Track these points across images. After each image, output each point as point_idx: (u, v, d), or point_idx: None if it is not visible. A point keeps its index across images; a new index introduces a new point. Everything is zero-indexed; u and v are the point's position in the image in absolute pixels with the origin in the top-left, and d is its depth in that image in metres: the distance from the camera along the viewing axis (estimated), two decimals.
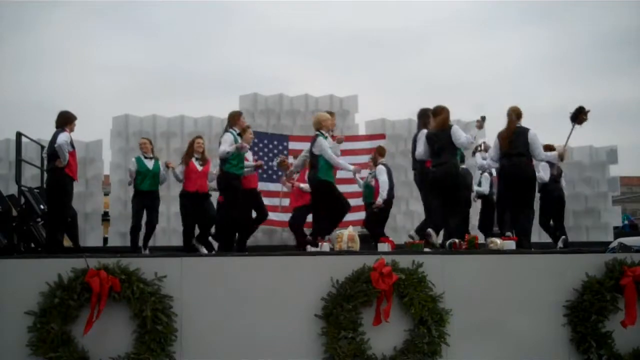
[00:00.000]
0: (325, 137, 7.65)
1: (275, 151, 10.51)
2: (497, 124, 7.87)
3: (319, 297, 5.78)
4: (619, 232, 12.46)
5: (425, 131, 7.75)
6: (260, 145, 10.34)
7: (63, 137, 7.60)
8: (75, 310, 5.54)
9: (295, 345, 5.77)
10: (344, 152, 10.01)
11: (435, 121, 7.51)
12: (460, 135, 7.28)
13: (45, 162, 8.11)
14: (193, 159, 8.67)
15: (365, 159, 10.55)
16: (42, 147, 9.02)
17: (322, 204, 7.61)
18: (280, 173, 10.09)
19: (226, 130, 7.98)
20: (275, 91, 11.55)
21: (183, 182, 8.70)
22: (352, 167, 8.05)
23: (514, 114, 7.50)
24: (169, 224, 10.70)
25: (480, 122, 7.61)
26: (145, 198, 8.85)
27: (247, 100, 11.34)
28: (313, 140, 7.70)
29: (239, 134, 8.01)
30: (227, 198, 7.96)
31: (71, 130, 7.86)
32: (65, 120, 7.81)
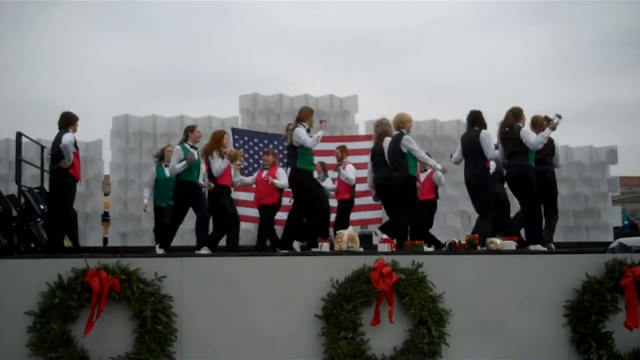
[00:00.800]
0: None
1: (276, 151, 10.51)
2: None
3: (319, 297, 5.78)
4: (619, 232, 12.46)
5: (486, 131, 7.84)
6: (260, 145, 10.34)
7: (68, 138, 7.62)
8: (75, 310, 5.54)
9: (295, 345, 5.77)
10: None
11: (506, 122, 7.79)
12: (530, 136, 7.47)
13: (49, 163, 8.08)
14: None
15: (365, 159, 10.54)
16: (42, 147, 9.02)
17: (407, 200, 7.67)
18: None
19: (296, 125, 7.82)
20: (275, 91, 11.57)
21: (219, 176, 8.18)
22: (439, 166, 8.11)
23: (540, 121, 7.74)
24: None
25: (554, 124, 7.62)
26: (196, 188, 8.07)
27: (247, 100, 11.34)
28: (395, 139, 7.74)
29: (307, 130, 7.86)
30: (300, 196, 7.84)
31: (74, 130, 7.88)
32: (68, 121, 7.85)
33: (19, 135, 8.17)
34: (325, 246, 7.01)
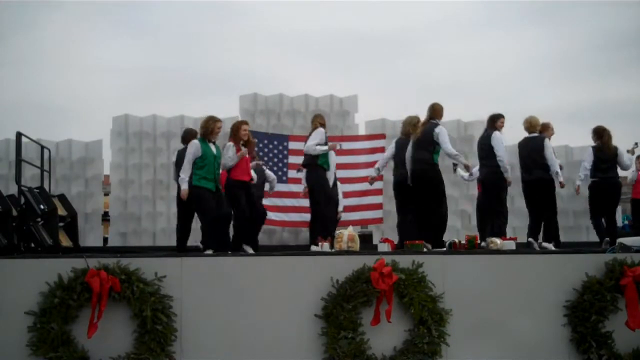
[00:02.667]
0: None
1: (275, 151, 10.51)
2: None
3: (319, 297, 5.78)
4: (619, 232, 12.43)
5: (499, 133, 8.31)
6: (260, 145, 10.34)
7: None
8: (75, 310, 5.55)
9: (295, 345, 5.78)
10: (344, 152, 10.05)
11: (600, 141, 8.80)
12: (625, 157, 8.83)
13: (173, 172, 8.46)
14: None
15: (365, 159, 10.56)
16: (42, 147, 9.04)
17: (548, 201, 8.45)
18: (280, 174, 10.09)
19: (432, 121, 8.06)
20: (275, 91, 11.55)
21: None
22: (560, 178, 8.57)
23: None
24: (169, 224, 10.69)
25: (632, 149, 9.17)
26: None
27: (247, 100, 11.33)
28: (535, 140, 8.40)
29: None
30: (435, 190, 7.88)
31: None
32: (191, 137, 8.31)
33: (19, 135, 8.17)
34: (325, 246, 7.01)
